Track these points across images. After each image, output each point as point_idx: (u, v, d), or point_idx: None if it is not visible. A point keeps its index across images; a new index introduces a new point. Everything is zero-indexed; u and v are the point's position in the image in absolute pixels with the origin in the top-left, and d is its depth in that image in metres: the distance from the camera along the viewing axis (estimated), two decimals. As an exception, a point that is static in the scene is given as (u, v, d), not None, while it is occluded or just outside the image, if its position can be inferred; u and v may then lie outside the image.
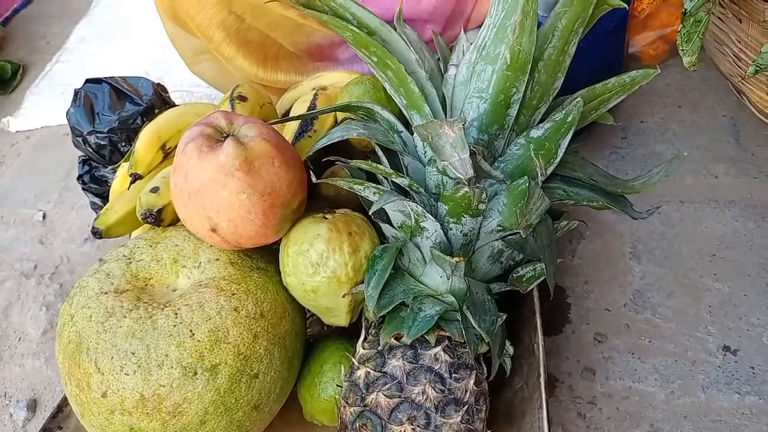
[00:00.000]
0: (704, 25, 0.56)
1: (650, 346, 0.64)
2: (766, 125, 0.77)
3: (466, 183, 0.46)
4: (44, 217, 0.96)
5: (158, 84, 0.82)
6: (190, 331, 0.48)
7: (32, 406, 0.73)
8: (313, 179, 0.53)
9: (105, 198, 0.80)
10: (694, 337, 0.63)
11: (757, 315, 0.64)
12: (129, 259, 0.54)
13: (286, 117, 0.61)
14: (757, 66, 0.53)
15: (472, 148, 0.45)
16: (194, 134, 0.51)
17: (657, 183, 0.56)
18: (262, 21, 0.75)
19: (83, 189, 0.82)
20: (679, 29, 0.57)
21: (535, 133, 0.52)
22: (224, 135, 0.51)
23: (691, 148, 0.79)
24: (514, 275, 0.55)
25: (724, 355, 0.62)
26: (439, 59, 0.61)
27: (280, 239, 0.56)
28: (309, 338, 0.62)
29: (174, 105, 0.78)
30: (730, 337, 0.63)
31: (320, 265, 0.52)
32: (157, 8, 0.81)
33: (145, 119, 0.74)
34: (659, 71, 0.55)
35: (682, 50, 0.58)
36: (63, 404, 0.60)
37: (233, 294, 0.51)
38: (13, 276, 0.87)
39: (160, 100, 0.80)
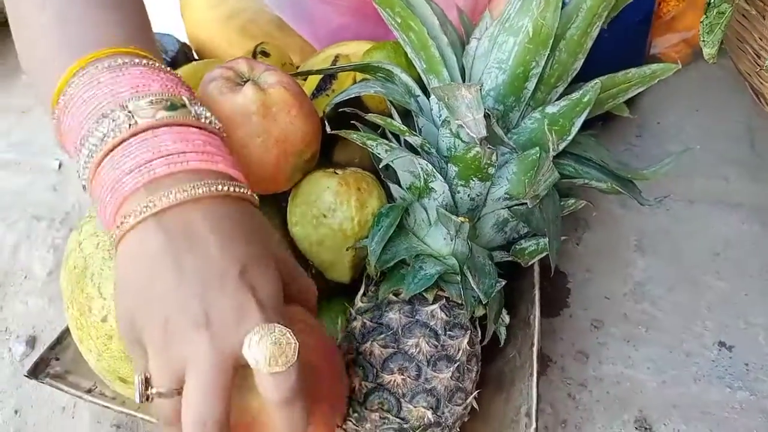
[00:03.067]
0: (727, 18, 0.56)
1: (646, 335, 0.64)
2: (782, 133, 0.77)
3: (478, 142, 0.47)
4: (60, 166, 0.97)
5: (183, 43, 0.84)
6: (194, 265, 0.49)
7: (31, 342, 0.74)
8: (328, 129, 0.54)
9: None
10: (690, 331, 0.64)
11: (755, 314, 0.64)
12: (141, 195, 0.55)
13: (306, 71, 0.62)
14: (776, 58, 0.53)
15: (486, 111, 0.46)
16: (215, 75, 0.51)
17: (667, 173, 0.56)
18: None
19: (101, 138, 0.83)
20: (702, 20, 0.57)
21: (551, 109, 0.52)
22: (245, 80, 0.52)
23: (705, 151, 0.80)
24: (517, 247, 0.55)
25: (719, 350, 0.62)
26: (462, 37, 0.62)
27: (289, 191, 0.57)
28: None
29: (198, 61, 0.79)
30: (727, 333, 0.63)
31: (327, 216, 0.53)
32: None
33: (168, 73, 0.75)
34: (680, 66, 0.55)
35: (703, 41, 0.58)
36: (62, 337, 0.61)
37: (239, 236, 0.52)
38: (25, 218, 0.89)
39: (184, 58, 0.81)
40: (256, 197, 0.40)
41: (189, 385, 0.32)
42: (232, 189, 0.37)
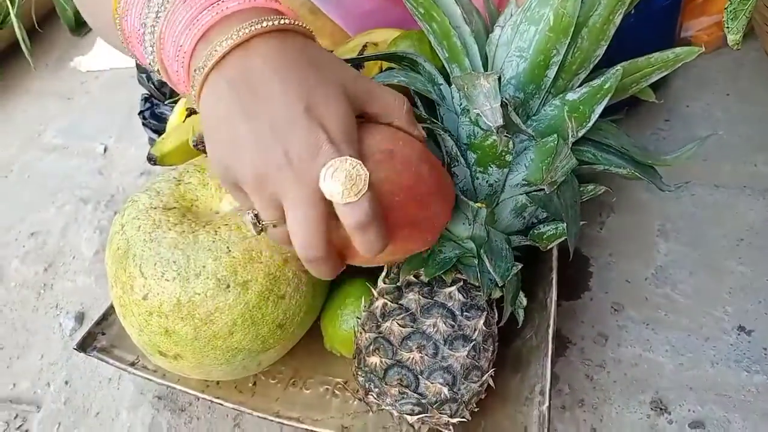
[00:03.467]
0: (752, 4, 0.56)
1: (666, 319, 0.65)
2: (814, 118, 0.76)
3: (495, 131, 0.49)
4: (105, 150, 1.02)
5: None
6: (227, 247, 0.52)
7: (80, 317, 0.79)
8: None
9: (162, 134, 0.85)
10: (710, 315, 0.64)
11: (777, 300, 0.64)
12: (178, 180, 0.59)
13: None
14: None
15: (504, 100, 0.48)
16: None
17: (688, 162, 0.56)
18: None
19: (143, 124, 0.87)
20: (726, 6, 0.57)
21: (571, 96, 0.53)
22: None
23: (734, 136, 0.79)
24: (536, 231, 0.57)
25: (738, 334, 0.63)
26: (488, 25, 0.63)
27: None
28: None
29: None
30: (747, 318, 0.64)
31: (352, 203, 0.56)
32: None
33: (206, 61, 0.78)
34: (703, 49, 0.55)
35: (728, 28, 0.58)
36: (108, 313, 0.66)
37: (269, 220, 0.55)
38: (73, 201, 0.94)
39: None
40: (308, 27, 0.41)
41: (289, 219, 0.36)
42: (277, 22, 0.38)
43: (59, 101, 1.16)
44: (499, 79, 0.49)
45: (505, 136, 0.49)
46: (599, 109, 0.53)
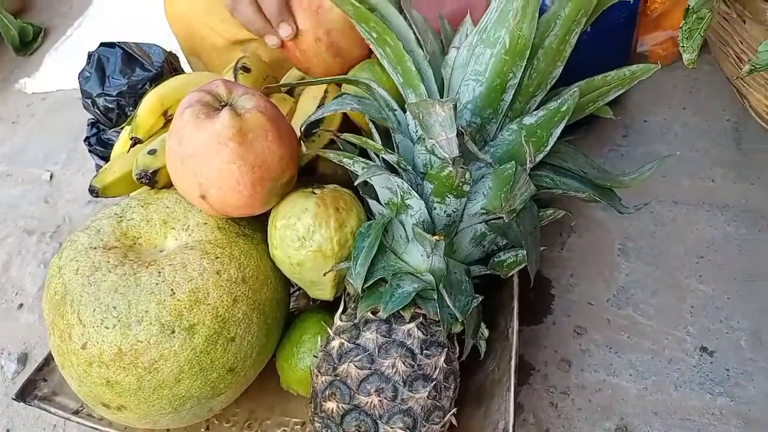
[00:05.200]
0: (706, 23, 0.56)
1: (628, 341, 0.64)
2: (768, 131, 0.77)
3: (451, 162, 0.47)
4: (51, 177, 0.98)
5: (170, 53, 0.84)
6: (171, 290, 0.49)
7: (23, 359, 0.75)
8: (304, 149, 0.54)
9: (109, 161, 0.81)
10: (672, 336, 0.64)
11: (737, 318, 0.64)
12: (120, 217, 0.56)
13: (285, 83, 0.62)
14: (752, 65, 0.53)
15: (460, 129, 0.46)
16: (193, 100, 0.51)
17: (647, 179, 0.56)
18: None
19: (89, 151, 0.84)
20: (681, 25, 0.57)
21: (528, 120, 0.52)
22: (222, 104, 0.52)
23: (692, 151, 0.79)
24: (496, 260, 0.56)
25: (701, 355, 0.62)
26: (443, 43, 0.62)
27: (269, 212, 0.57)
28: (293, 311, 0.63)
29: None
30: (709, 338, 0.63)
31: (306, 239, 0.53)
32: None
33: (153, 85, 0.75)
34: (659, 67, 0.55)
35: (683, 47, 0.58)
36: (49, 358, 0.62)
37: (217, 257, 0.52)
38: (16, 232, 0.89)
39: (170, 68, 0.81)
40: None
41: None
42: None
43: (3, 125, 1.11)
44: (455, 106, 0.48)
45: (462, 167, 0.47)
46: (557, 133, 0.52)
